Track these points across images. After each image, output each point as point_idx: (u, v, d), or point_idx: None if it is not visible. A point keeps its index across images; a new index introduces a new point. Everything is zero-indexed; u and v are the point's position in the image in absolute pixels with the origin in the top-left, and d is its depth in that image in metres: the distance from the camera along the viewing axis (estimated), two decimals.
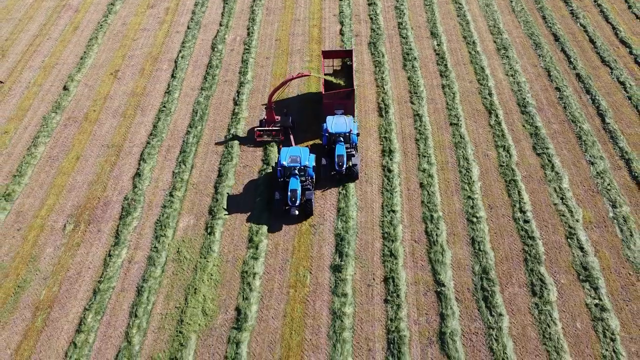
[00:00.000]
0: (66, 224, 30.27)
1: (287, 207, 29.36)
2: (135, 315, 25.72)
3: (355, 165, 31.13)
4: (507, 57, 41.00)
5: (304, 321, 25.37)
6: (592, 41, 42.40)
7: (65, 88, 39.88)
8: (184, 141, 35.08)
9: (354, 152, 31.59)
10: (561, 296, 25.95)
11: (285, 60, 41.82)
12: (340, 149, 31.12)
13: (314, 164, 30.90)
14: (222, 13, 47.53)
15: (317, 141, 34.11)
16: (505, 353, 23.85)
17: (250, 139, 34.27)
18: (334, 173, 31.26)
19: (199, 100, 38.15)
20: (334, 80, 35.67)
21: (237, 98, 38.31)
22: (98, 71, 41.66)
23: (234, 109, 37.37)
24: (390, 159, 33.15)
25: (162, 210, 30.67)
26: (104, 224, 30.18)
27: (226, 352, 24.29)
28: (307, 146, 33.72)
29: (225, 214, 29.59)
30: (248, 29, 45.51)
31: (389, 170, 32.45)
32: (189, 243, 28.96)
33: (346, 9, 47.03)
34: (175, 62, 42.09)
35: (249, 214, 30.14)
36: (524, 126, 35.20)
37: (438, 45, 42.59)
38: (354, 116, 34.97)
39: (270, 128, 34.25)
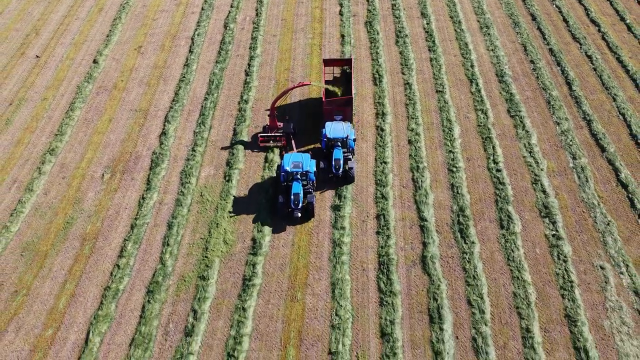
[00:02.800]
0: (104, 173, 35.22)
1: (290, 210, 30.98)
2: (167, 244, 30.71)
3: (352, 168, 32.79)
4: (489, 34, 45.90)
5: (309, 248, 30.38)
6: (565, 20, 47.31)
7: (95, 61, 44.79)
8: (202, 106, 39.98)
9: (350, 157, 33.23)
10: (524, 229, 30.96)
11: (290, 38, 46.72)
12: (338, 153, 32.78)
13: (315, 169, 32.57)
14: None
15: (318, 145, 36.10)
16: (476, 272, 28.86)
17: (254, 144, 36.38)
18: (332, 175, 32.99)
19: (215, 72, 43.05)
20: (331, 88, 37.17)
21: (248, 70, 43.21)
22: (123, 47, 46.57)
23: (246, 79, 42.29)
24: (383, 120, 38.11)
25: (186, 162, 35.62)
26: (136, 173, 35.15)
27: (244, 272, 29.29)
28: (307, 151, 35.44)
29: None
30: (256, 9, 50.33)
31: (382, 130, 37.42)
32: (210, 188, 33.95)
33: None
34: (192, 39, 46.96)
35: (261, 170, 35.01)
36: (500, 93, 40.15)
37: (427, 24, 47.50)
38: (352, 122, 36.82)
39: (273, 134, 35.90)
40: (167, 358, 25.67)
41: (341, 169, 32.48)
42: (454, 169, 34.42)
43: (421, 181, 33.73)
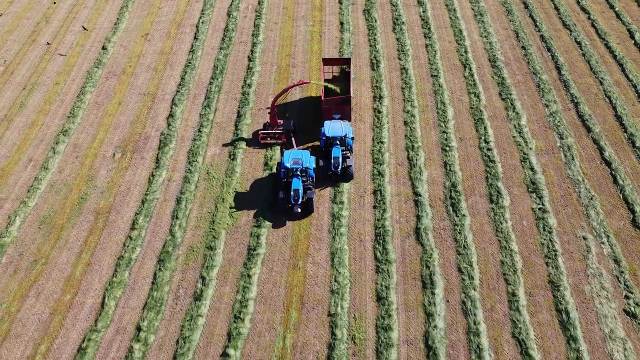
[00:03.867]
0: (115, 152, 37.14)
1: (290, 205, 31.67)
2: (177, 217, 32.65)
3: (350, 166, 33.31)
4: (483, 21, 47.72)
5: (309, 221, 32.31)
6: (556, 8, 49.14)
7: (104, 48, 46.64)
8: (207, 90, 41.85)
9: (349, 155, 33.87)
10: (512, 203, 32.89)
11: (291, 25, 48.55)
12: (336, 152, 33.40)
13: (315, 166, 33.26)
14: None
15: (317, 143, 36.76)
16: (466, 242, 30.80)
17: (255, 141, 37.19)
18: (330, 173, 33.60)
19: (219, 58, 44.90)
20: (331, 87, 37.95)
21: (250, 56, 45.06)
22: (130, 34, 48.41)
23: (249, 65, 44.14)
24: (380, 103, 39.99)
25: (193, 143, 37.52)
26: (145, 152, 37.06)
27: (249, 242, 31.25)
28: (307, 148, 36.23)
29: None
30: None
31: (379, 112, 39.31)
32: (216, 166, 35.87)
33: None
34: (197, 26, 48.79)
35: (264, 150, 36.91)
36: (492, 77, 42.01)
37: (423, 11, 49.31)
38: (350, 121, 37.63)
39: (273, 131, 36.73)
40: (178, 320, 27.61)
41: (340, 167, 33.16)
42: (447, 148, 36.30)
43: (416, 159, 35.60)
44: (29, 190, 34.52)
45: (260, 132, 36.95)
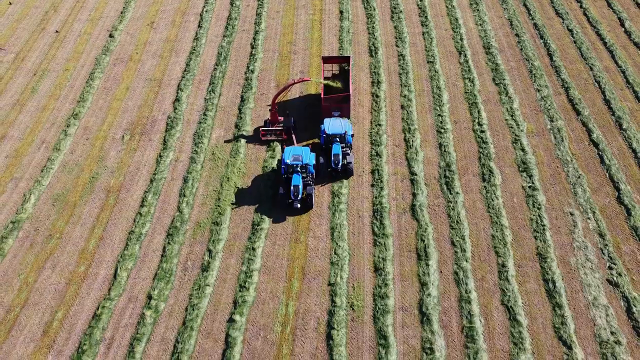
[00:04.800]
0: (124, 135, 38.74)
1: (290, 201, 32.32)
2: (184, 195, 34.29)
3: (350, 163, 33.80)
4: (478, 10, 49.24)
5: None
6: None
7: (111, 36, 48.19)
8: (212, 75, 43.42)
9: (348, 151, 34.47)
10: (504, 181, 34.52)
11: (292, 14, 50.05)
12: (337, 149, 33.99)
13: (315, 162, 33.92)
14: None
15: (317, 140, 37.45)
16: (459, 218, 32.44)
17: (256, 138, 37.98)
18: (331, 170, 34.22)
19: (222, 45, 46.46)
20: (332, 84, 38.49)
21: (253, 43, 46.63)
22: (136, 23, 49.94)
23: (251, 51, 45.71)
24: (378, 88, 41.58)
25: (198, 125, 39.12)
26: (153, 135, 38.67)
27: (253, 218, 32.89)
28: (307, 145, 36.70)
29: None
30: None
31: (377, 96, 40.89)
32: (221, 148, 37.48)
33: None
34: (201, 15, 50.31)
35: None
36: (486, 63, 43.58)
37: (420, 0, 50.78)
38: (349, 118, 38.25)
39: (274, 128, 37.37)
40: (186, 289, 29.30)
41: (340, 164, 33.73)
42: (442, 130, 37.91)
43: (412, 141, 37.22)
44: (42, 170, 36.13)
45: (261, 128, 37.60)
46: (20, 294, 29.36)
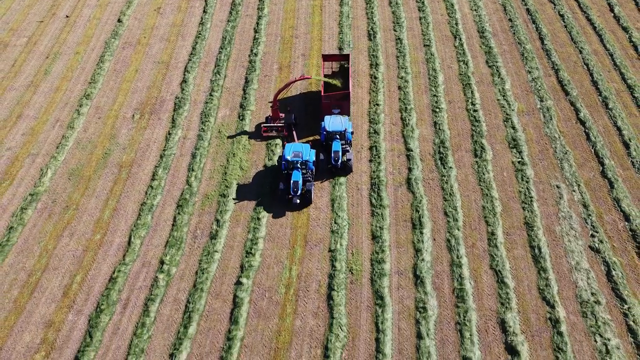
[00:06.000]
0: (134, 114, 40.71)
1: (289, 197, 33.02)
2: (192, 170, 36.30)
3: (350, 160, 34.52)
4: None
5: None
6: None
7: (119, 20, 50.07)
8: (217, 58, 45.34)
9: (348, 148, 35.16)
10: (495, 157, 36.53)
11: None
12: (336, 146, 34.61)
13: (314, 159, 34.65)
14: None
15: (317, 137, 38.13)
16: (452, 190, 34.47)
17: (258, 134, 38.59)
18: (331, 166, 34.89)
19: (227, 29, 48.36)
20: (332, 82, 38.86)
21: (256, 27, 48.54)
22: (144, 8, 51.79)
23: (255, 36, 47.63)
24: (376, 70, 43.52)
25: (205, 105, 41.08)
26: (162, 114, 40.63)
27: (257, 190, 34.90)
28: (307, 142, 37.37)
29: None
30: None
31: (375, 78, 42.84)
32: (227, 126, 39.46)
33: None
34: (206, 0, 52.12)
35: (268, 112, 40.52)
36: (480, 47, 45.51)
37: None
38: (349, 116, 38.74)
39: (275, 124, 38.00)
40: (196, 255, 31.37)
41: (340, 161, 34.54)
42: (437, 110, 39.88)
43: (408, 120, 39.19)
44: (57, 146, 38.13)
45: (262, 125, 38.27)
46: (40, 259, 31.42)
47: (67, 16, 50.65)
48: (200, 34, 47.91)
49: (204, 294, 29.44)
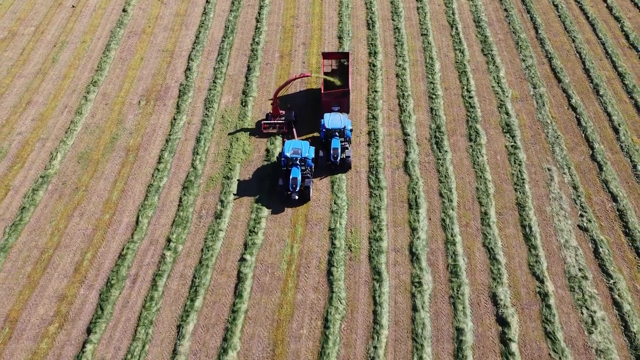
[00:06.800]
0: (140, 100, 42.04)
1: (288, 193, 33.39)
2: (197, 154, 37.65)
3: (348, 157, 35.02)
4: None
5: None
6: None
7: (124, 10, 51.33)
8: (220, 47, 46.64)
9: (347, 146, 35.65)
10: (489, 141, 37.87)
11: None
12: (336, 143, 35.03)
13: (313, 156, 35.15)
14: None
15: (317, 134, 38.60)
16: (447, 173, 35.83)
17: (258, 131, 39.11)
18: (330, 163, 35.33)
19: (229, 19, 49.62)
20: (331, 80, 39.58)
21: (258, 17, 49.80)
22: None
23: (256, 25, 48.92)
24: (375, 58, 44.83)
25: (209, 92, 42.41)
26: (167, 100, 41.96)
27: (260, 172, 36.27)
28: (307, 139, 37.88)
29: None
30: None
31: (374, 65, 44.16)
32: (230, 112, 40.81)
33: None
34: None
35: (270, 96, 41.81)
36: (476, 36, 46.80)
37: None
38: (349, 113, 39.40)
39: (275, 121, 38.62)
40: (201, 234, 32.76)
41: (339, 158, 35.02)
42: (434, 96, 41.21)
43: (406, 106, 40.53)
44: (66, 131, 39.47)
45: (263, 121, 38.87)
46: (52, 237, 32.81)
47: (73, 6, 51.88)
48: (203, 23, 49.16)
49: (210, 269, 30.82)
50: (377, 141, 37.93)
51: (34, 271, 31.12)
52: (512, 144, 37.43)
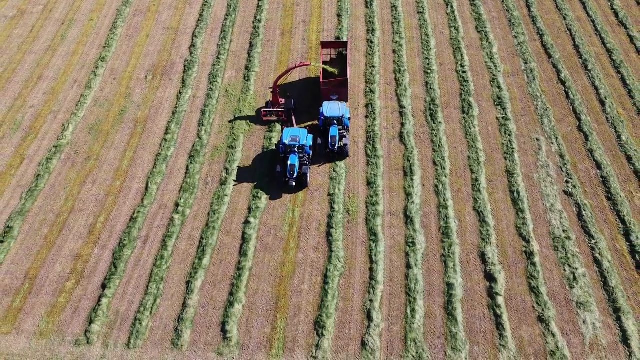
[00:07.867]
0: (147, 75, 43.78)
1: (286, 179, 34.27)
2: (202, 125, 39.46)
3: (346, 145, 35.74)
4: None
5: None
6: None
7: None
8: (223, 24, 48.29)
9: (345, 134, 36.18)
10: (481, 113, 39.69)
11: None
12: (334, 131, 35.86)
13: (311, 143, 35.74)
14: None
15: (316, 122, 39.29)
16: (441, 142, 37.66)
17: (258, 118, 39.82)
18: (328, 151, 36.00)
19: None
20: (330, 69, 40.05)
21: None
22: None
23: (258, 3, 50.53)
24: (373, 35, 46.51)
25: (212, 67, 44.14)
26: (173, 75, 43.70)
27: (263, 143, 38.13)
28: (306, 127, 38.57)
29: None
30: None
31: (372, 42, 45.86)
32: (233, 86, 42.57)
33: None
34: None
35: (274, 72, 43.54)
36: (471, 14, 48.46)
37: None
38: (347, 102, 39.94)
39: (275, 109, 39.08)
40: (208, 199, 34.67)
41: (337, 145, 35.78)
42: (429, 71, 42.97)
43: (402, 80, 42.29)
44: (77, 104, 41.25)
45: (263, 109, 39.22)
46: (67, 202, 34.71)
47: None
48: (206, 1, 50.76)
49: (216, 231, 32.75)
50: (374, 113, 39.71)
51: (50, 233, 33.03)
52: (503, 115, 39.23)
